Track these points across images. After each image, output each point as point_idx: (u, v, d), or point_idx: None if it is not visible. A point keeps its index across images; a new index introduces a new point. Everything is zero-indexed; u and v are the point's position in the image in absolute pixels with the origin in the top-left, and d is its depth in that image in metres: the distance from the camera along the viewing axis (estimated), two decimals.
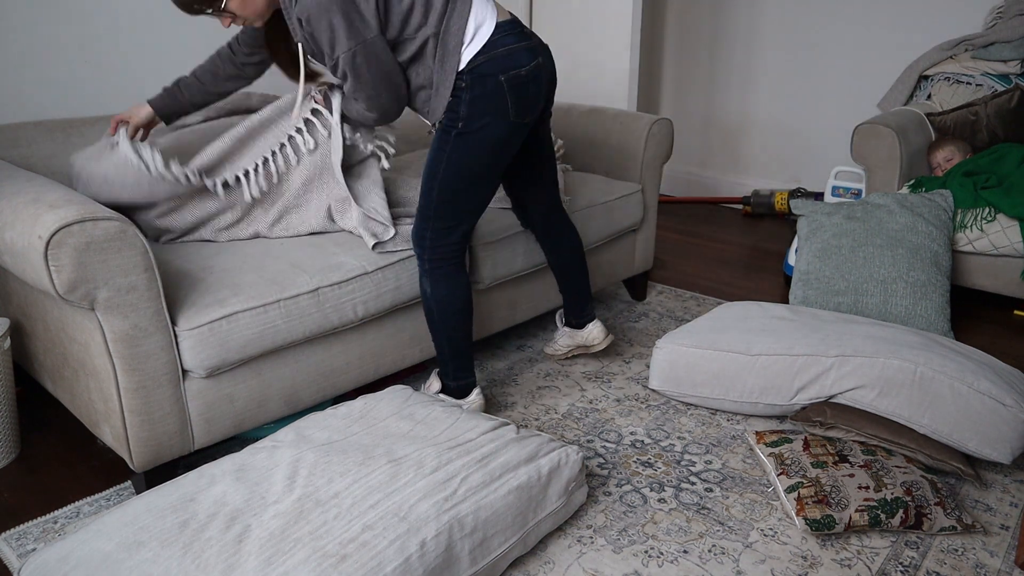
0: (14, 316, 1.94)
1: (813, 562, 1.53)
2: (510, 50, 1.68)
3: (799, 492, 1.62)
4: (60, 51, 2.26)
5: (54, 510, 1.71)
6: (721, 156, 4.47)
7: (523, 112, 1.72)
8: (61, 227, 1.43)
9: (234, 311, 1.67)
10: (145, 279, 1.56)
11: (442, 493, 1.42)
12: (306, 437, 1.60)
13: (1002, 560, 1.54)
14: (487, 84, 1.67)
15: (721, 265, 3.33)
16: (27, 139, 2.04)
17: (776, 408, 1.98)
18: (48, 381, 1.89)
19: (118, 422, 1.62)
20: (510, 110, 1.69)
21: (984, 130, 3.03)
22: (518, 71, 1.67)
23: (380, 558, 1.27)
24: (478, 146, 1.72)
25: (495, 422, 1.68)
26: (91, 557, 1.28)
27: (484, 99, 1.67)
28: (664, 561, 1.53)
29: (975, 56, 3.21)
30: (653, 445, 1.93)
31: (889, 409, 1.82)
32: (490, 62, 1.66)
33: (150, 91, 2.45)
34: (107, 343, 1.55)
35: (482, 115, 1.68)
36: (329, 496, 1.40)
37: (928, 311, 2.35)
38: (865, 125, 2.91)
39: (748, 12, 4.15)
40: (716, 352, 2.01)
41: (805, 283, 2.51)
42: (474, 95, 1.67)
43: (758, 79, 4.21)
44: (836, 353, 1.88)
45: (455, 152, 1.72)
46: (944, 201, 2.63)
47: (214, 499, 1.40)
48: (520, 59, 1.69)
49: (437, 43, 1.67)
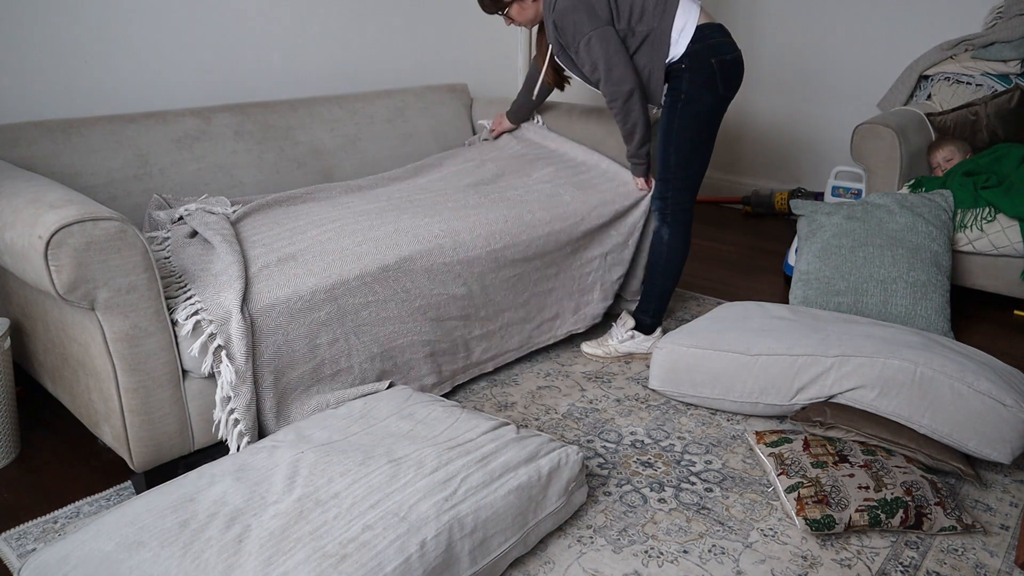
0: (14, 316, 1.94)
1: (813, 562, 1.53)
2: (719, 42, 2.12)
3: (799, 492, 1.62)
4: (60, 51, 2.26)
5: (54, 510, 1.71)
6: (721, 156, 4.47)
7: (728, 87, 2.15)
8: (61, 227, 1.43)
9: None
10: (145, 279, 1.56)
11: (442, 493, 1.42)
12: (306, 437, 1.60)
13: (1002, 560, 1.54)
14: (703, 65, 2.10)
15: (721, 265, 3.33)
16: (27, 139, 2.04)
17: (776, 408, 1.98)
18: (48, 381, 1.89)
19: (118, 422, 1.62)
20: (719, 85, 2.12)
21: (984, 130, 3.03)
22: (724, 56, 2.11)
23: (380, 558, 1.27)
24: (698, 114, 2.14)
25: (495, 422, 1.68)
26: (91, 557, 1.28)
27: (701, 76, 2.11)
28: (664, 561, 1.53)
29: (975, 56, 3.21)
30: (653, 445, 1.93)
31: (889, 409, 1.82)
32: (706, 49, 2.09)
33: (150, 91, 2.47)
34: (107, 343, 1.55)
35: (699, 88, 2.12)
36: (329, 496, 1.40)
37: (928, 311, 2.35)
38: (865, 125, 2.91)
39: (748, 12, 4.15)
40: (716, 352, 2.01)
41: (805, 283, 2.51)
42: (693, 74, 2.10)
43: (758, 79, 4.21)
44: (836, 353, 1.88)
45: (681, 120, 2.14)
46: (944, 201, 2.63)
47: (214, 499, 1.40)
48: (726, 49, 2.13)
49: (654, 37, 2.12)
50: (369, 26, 3.04)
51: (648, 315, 2.37)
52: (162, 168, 2.24)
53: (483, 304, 2.14)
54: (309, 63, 2.88)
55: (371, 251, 1.91)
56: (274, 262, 1.80)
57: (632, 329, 2.37)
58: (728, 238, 3.73)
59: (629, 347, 2.38)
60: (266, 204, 2.14)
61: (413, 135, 2.87)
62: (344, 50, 2.98)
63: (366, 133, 2.74)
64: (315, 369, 1.82)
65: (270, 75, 2.78)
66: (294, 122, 2.58)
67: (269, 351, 1.72)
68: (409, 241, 1.98)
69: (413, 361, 2.02)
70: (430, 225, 2.05)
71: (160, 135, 2.27)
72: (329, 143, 2.64)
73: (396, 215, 2.08)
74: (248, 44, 2.69)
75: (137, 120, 2.25)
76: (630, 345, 2.37)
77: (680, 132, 2.16)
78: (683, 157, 2.19)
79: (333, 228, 1.98)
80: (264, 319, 1.70)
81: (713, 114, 2.17)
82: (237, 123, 2.44)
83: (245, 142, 2.43)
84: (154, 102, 2.49)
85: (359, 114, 2.75)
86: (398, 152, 2.81)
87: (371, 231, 1.98)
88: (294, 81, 2.84)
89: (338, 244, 1.91)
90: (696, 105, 2.14)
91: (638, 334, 2.37)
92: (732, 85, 2.18)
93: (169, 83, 2.51)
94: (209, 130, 2.37)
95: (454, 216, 2.12)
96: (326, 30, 2.90)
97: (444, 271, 2.02)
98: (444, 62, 3.36)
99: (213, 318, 1.62)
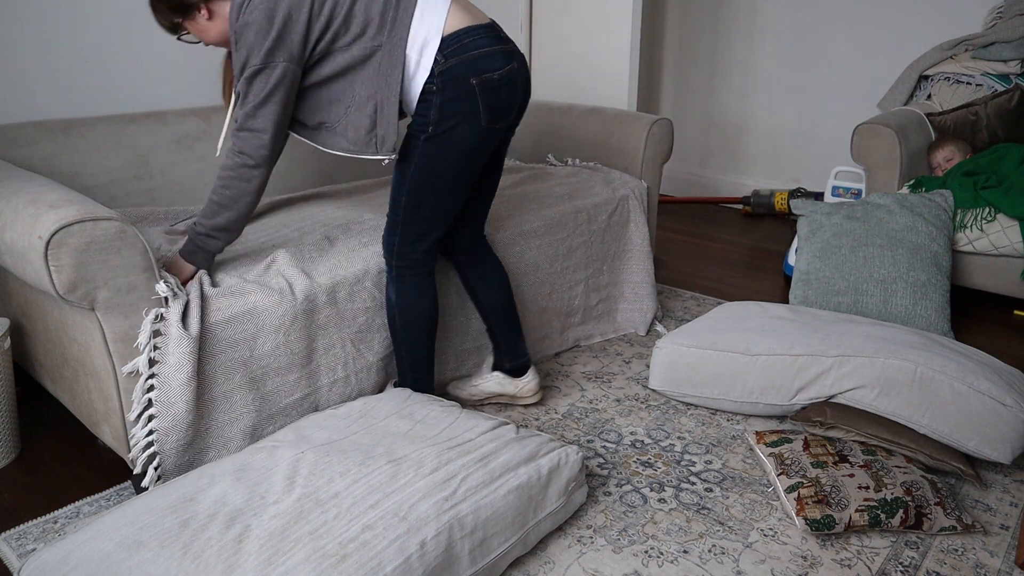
0: (14, 316, 1.94)
1: (813, 562, 1.53)
2: (484, 53, 1.62)
3: (799, 492, 1.62)
4: (60, 51, 2.26)
5: (54, 510, 1.71)
6: (721, 156, 4.47)
7: (495, 117, 1.66)
8: (61, 227, 1.43)
9: None
10: (145, 279, 1.56)
11: (442, 493, 1.42)
12: (306, 437, 1.60)
13: (1002, 560, 1.54)
14: (459, 87, 1.60)
15: (721, 265, 3.33)
16: (27, 139, 2.04)
17: (776, 408, 1.98)
18: (48, 381, 1.89)
19: (118, 422, 1.62)
20: (482, 115, 1.63)
21: (984, 130, 3.03)
22: (490, 75, 1.61)
23: (380, 558, 1.27)
24: (448, 150, 1.66)
25: (495, 422, 1.68)
26: (91, 557, 1.28)
27: (455, 102, 1.61)
28: (664, 561, 1.53)
29: (975, 56, 3.21)
30: (653, 445, 1.93)
31: (889, 409, 1.82)
32: (461, 65, 1.60)
33: (149, 91, 2.47)
34: (107, 343, 1.55)
35: (452, 118, 1.62)
36: (329, 496, 1.40)
37: (928, 311, 2.35)
38: (865, 125, 2.91)
39: (748, 12, 4.15)
40: (716, 352, 2.01)
41: (805, 283, 2.51)
42: (445, 98, 1.61)
43: (758, 79, 4.21)
44: (836, 353, 1.88)
45: (424, 156, 1.66)
46: (944, 201, 2.63)
47: (214, 499, 1.40)
48: (494, 62, 1.62)
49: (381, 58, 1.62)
50: None
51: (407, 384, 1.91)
52: (162, 168, 2.24)
53: (474, 315, 2.15)
54: None
55: (376, 252, 1.94)
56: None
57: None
58: (728, 238, 3.73)
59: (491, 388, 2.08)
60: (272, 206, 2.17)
61: None
62: None
63: None
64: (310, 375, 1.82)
65: None
66: None
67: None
68: None
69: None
70: None
71: (160, 135, 2.27)
72: None
73: None
74: None
75: (137, 120, 2.25)
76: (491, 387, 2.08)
77: (420, 171, 1.68)
78: (420, 198, 1.71)
79: (341, 227, 2.00)
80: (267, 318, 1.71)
81: (471, 150, 1.67)
82: None
83: None
84: (154, 102, 2.49)
85: None
86: None
87: (379, 232, 2.01)
88: None
89: (346, 243, 1.93)
90: (446, 139, 1.64)
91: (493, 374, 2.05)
92: (502, 114, 1.67)
93: (169, 83, 2.51)
94: (209, 130, 2.37)
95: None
96: None
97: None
98: None
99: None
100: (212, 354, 1.64)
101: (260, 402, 1.73)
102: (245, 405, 1.71)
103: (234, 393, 1.68)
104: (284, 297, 1.73)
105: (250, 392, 1.71)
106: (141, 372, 1.56)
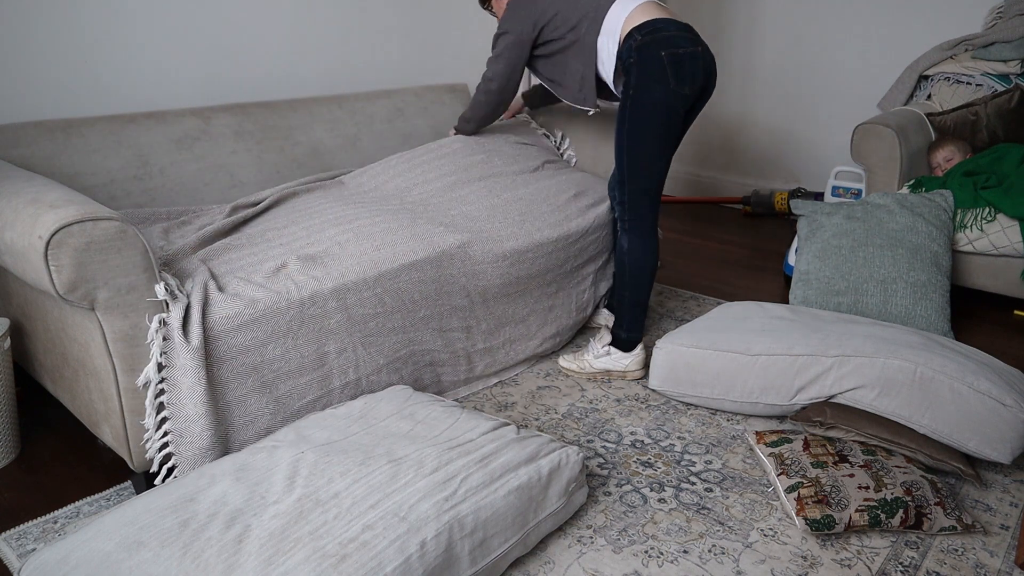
0: (14, 316, 1.94)
1: (813, 562, 1.53)
2: (671, 35, 2.05)
3: (799, 492, 1.62)
4: (60, 51, 2.26)
5: (54, 510, 1.71)
6: (721, 156, 4.47)
7: (681, 82, 2.04)
8: (61, 227, 1.43)
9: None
10: (145, 279, 1.56)
11: (442, 493, 1.42)
12: (306, 437, 1.60)
13: (1002, 560, 1.54)
14: (652, 59, 2.03)
15: (721, 265, 3.33)
16: (27, 139, 2.04)
17: (776, 408, 1.98)
18: (48, 381, 1.89)
19: (118, 422, 1.62)
20: (670, 78, 2.03)
21: (984, 130, 3.03)
22: (675, 50, 2.03)
23: (380, 558, 1.27)
24: (648, 110, 2.06)
25: (495, 422, 1.68)
26: (91, 557, 1.28)
27: (649, 69, 2.04)
28: (664, 561, 1.53)
29: (975, 56, 3.21)
30: (653, 445, 1.93)
31: (889, 409, 1.82)
32: (654, 43, 2.03)
33: (149, 91, 2.47)
34: (107, 343, 1.55)
35: (647, 82, 2.05)
36: (329, 496, 1.40)
37: (928, 311, 2.35)
38: (865, 125, 2.91)
39: (748, 12, 4.15)
40: (716, 352, 2.01)
41: (805, 283, 2.51)
42: (641, 68, 2.05)
43: (758, 79, 4.21)
44: (836, 353, 1.88)
45: (631, 113, 2.08)
46: (944, 201, 2.63)
47: (214, 499, 1.40)
48: (680, 43, 2.05)
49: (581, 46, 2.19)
50: (369, 26, 3.04)
51: (623, 329, 2.23)
52: (162, 168, 2.24)
53: (484, 317, 2.16)
54: (309, 63, 2.88)
55: (388, 256, 1.94)
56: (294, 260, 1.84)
57: (608, 344, 2.24)
58: (728, 238, 3.73)
59: (605, 363, 2.25)
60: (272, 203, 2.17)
61: (413, 135, 2.87)
62: (344, 50, 2.98)
63: (366, 133, 2.74)
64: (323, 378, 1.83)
65: (270, 75, 2.78)
66: (294, 122, 2.58)
67: None
68: (424, 248, 2.00)
69: (417, 372, 2.04)
70: (444, 235, 2.07)
71: (160, 135, 2.27)
72: (329, 143, 2.64)
73: (411, 219, 2.11)
74: (248, 44, 2.69)
75: (137, 120, 2.25)
76: (606, 361, 2.24)
77: (631, 126, 2.08)
78: (634, 155, 2.10)
79: (352, 229, 2.00)
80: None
81: (665, 108, 2.06)
82: (237, 123, 2.44)
83: (245, 142, 2.43)
84: (154, 102, 2.49)
85: (359, 114, 2.75)
86: (398, 152, 2.81)
87: (388, 235, 2.00)
88: (294, 81, 2.85)
89: (357, 247, 1.94)
90: (644, 97, 2.05)
91: (615, 350, 2.24)
92: (685, 79, 2.06)
93: (169, 83, 2.51)
94: (209, 130, 2.37)
95: (466, 225, 2.16)
96: (326, 30, 2.90)
97: (451, 282, 2.05)
98: (443, 62, 3.36)
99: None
100: (222, 359, 1.65)
101: (275, 404, 1.75)
102: (260, 408, 1.72)
103: (248, 397, 1.70)
104: (291, 302, 1.74)
105: (264, 395, 1.73)
106: (151, 379, 1.58)
